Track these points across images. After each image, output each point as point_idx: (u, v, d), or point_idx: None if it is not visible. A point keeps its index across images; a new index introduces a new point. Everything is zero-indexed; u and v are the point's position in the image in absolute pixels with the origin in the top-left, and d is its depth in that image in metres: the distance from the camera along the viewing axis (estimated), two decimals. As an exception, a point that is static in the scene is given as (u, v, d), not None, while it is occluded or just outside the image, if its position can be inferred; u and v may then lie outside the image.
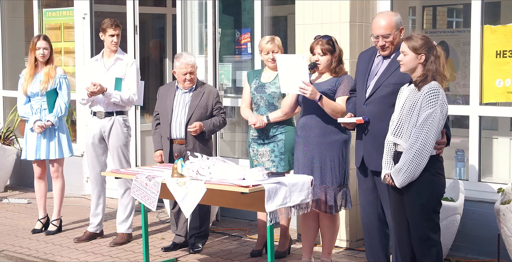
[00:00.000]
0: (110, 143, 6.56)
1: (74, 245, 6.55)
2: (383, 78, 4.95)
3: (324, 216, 5.51)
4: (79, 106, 8.70)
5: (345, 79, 5.43)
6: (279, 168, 5.83)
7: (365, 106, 4.98)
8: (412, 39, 4.49)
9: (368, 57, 5.15)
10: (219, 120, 6.14)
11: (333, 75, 5.47)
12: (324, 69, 5.49)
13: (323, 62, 5.44)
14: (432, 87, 4.39)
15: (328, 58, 5.44)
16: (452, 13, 9.71)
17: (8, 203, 8.41)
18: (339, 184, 5.42)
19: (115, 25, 6.52)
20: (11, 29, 9.87)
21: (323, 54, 5.43)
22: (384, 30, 4.92)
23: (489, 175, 6.49)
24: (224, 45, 7.91)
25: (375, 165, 4.87)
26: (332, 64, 5.46)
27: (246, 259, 6.02)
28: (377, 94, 4.95)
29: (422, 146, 4.36)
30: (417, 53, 4.46)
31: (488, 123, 6.73)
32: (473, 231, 5.92)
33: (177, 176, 5.20)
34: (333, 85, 5.41)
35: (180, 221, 6.33)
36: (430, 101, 4.37)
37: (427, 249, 4.51)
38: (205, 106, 6.12)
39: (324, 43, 5.43)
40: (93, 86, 6.30)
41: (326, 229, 5.55)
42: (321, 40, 5.45)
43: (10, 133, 9.16)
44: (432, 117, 4.36)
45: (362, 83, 5.07)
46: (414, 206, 4.50)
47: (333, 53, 5.45)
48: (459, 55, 7.37)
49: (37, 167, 7.01)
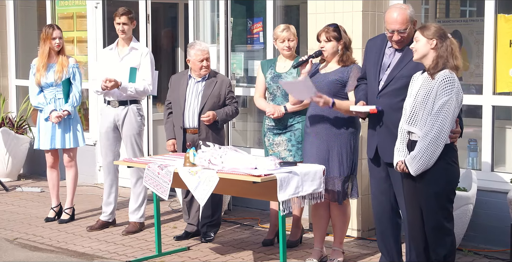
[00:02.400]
0: (124, 131, 6.57)
1: (86, 233, 6.58)
2: (396, 71, 4.93)
3: (334, 206, 5.50)
4: (91, 96, 8.74)
5: (354, 69, 5.37)
6: (296, 157, 5.82)
7: (378, 99, 4.96)
8: (426, 26, 4.51)
9: (378, 47, 5.10)
10: (231, 109, 6.14)
11: (341, 64, 5.41)
12: (330, 57, 5.43)
13: (328, 49, 5.38)
14: (447, 75, 4.38)
15: (334, 45, 5.38)
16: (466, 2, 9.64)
17: (22, 191, 8.46)
18: (347, 174, 5.40)
19: (121, 14, 6.50)
20: (24, 19, 9.90)
21: (328, 40, 5.38)
22: (400, 25, 4.88)
23: (502, 165, 6.47)
24: (236, 34, 7.90)
25: (390, 156, 4.83)
26: (338, 52, 5.42)
27: (258, 248, 6.04)
28: (390, 87, 4.93)
29: (437, 133, 4.35)
30: (429, 38, 4.45)
31: (501, 113, 6.70)
32: (486, 221, 5.90)
33: (189, 165, 5.21)
34: (341, 75, 5.36)
35: (192, 210, 6.34)
36: (446, 89, 4.35)
37: (441, 238, 4.50)
38: (218, 95, 6.12)
39: (330, 31, 5.38)
40: (109, 82, 6.30)
41: (336, 219, 5.55)
42: (328, 27, 5.42)
43: (23, 122, 9.21)
44: (448, 105, 4.35)
45: (374, 75, 5.04)
46: (429, 195, 4.49)
47: (339, 40, 5.39)
48: (472, 45, 7.32)
49: (49, 156, 7.04)
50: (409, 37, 4.90)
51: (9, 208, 7.61)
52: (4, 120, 9.16)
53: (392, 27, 4.90)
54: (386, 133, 4.94)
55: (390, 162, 4.86)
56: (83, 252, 6.02)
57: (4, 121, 9.15)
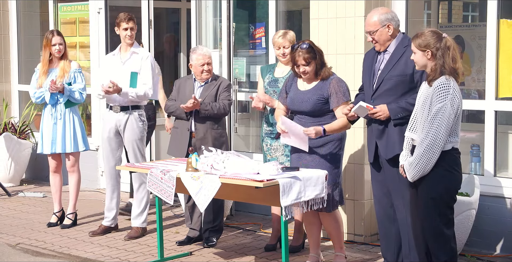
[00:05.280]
0: (126, 137, 6.57)
1: (89, 238, 6.58)
2: (385, 72, 5.07)
3: (323, 215, 5.46)
4: (94, 101, 8.74)
5: (334, 83, 5.30)
6: (294, 163, 5.82)
7: (373, 101, 5.08)
8: (418, 36, 4.51)
9: (371, 55, 5.26)
10: (219, 104, 6.06)
11: (319, 79, 5.36)
12: (312, 76, 5.35)
13: (310, 72, 5.31)
14: (442, 81, 4.38)
15: (313, 66, 5.30)
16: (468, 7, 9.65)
17: (24, 196, 8.46)
18: (334, 182, 5.37)
19: (128, 19, 6.53)
20: (27, 24, 9.92)
21: (307, 63, 5.28)
22: (368, 26, 5.13)
23: (505, 170, 6.46)
24: (238, 39, 7.91)
25: (388, 152, 5.01)
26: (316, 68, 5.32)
27: (260, 253, 6.03)
28: (382, 88, 5.07)
29: (432, 140, 4.35)
30: (423, 50, 4.47)
31: (504, 118, 6.69)
32: (488, 226, 5.89)
33: (191, 170, 5.21)
34: (321, 92, 5.30)
35: (195, 215, 6.34)
36: (440, 96, 4.36)
37: (442, 244, 4.49)
38: (214, 95, 6.12)
39: (305, 53, 5.25)
40: (111, 84, 6.30)
41: (330, 227, 5.51)
42: (301, 50, 5.26)
43: (25, 127, 9.21)
44: (442, 111, 4.35)
45: (369, 80, 5.18)
46: (426, 200, 4.49)
47: (316, 58, 5.30)
48: (474, 50, 7.32)
49: (52, 161, 7.04)
50: (382, 39, 5.07)
51: (12, 213, 7.62)
52: (7, 125, 9.17)
53: (365, 28, 5.19)
54: (382, 131, 5.05)
55: (388, 158, 5.01)
56: (85, 257, 6.02)
57: (7, 126, 9.16)
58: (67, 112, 6.86)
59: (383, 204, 5.18)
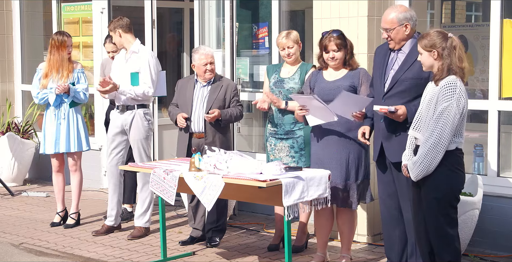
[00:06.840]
0: (131, 136, 6.57)
1: (92, 238, 6.59)
2: (400, 73, 4.97)
3: (343, 211, 5.47)
4: (97, 101, 8.75)
5: (363, 73, 5.40)
6: (300, 163, 5.81)
7: (384, 101, 4.98)
8: (423, 37, 4.52)
9: (384, 51, 5.17)
10: (236, 111, 6.14)
11: (348, 69, 5.43)
12: (340, 64, 5.44)
13: (339, 58, 5.39)
14: (449, 81, 4.38)
15: (343, 53, 5.38)
16: (471, 7, 9.64)
17: (27, 196, 8.47)
18: (363, 179, 5.41)
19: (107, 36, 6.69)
20: (30, 24, 9.93)
21: (338, 49, 5.37)
22: (385, 23, 5.04)
23: (508, 169, 6.45)
24: (241, 39, 7.91)
25: (395, 155, 4.90)
26: (345, 58, 5.41)
27: (263, 253, 6.03)
28: (395, 89, 4.96)
29: (437, 139, 4.34)
30: (429, 50, 4.46)
31: (507, 118, 6.68)
32: (492, 226, 5.89)
33: (194, 170, 5.21)
34: (352, 81, 5.36)
35: (198, 215, 6.34)
36: (446, 95, 4.35)
37: (445, 244, 4.49)
38: (223, 99, 6.13)
39: (336, 38, 5.36)
40: (105, 83, 6.31)
41: (344, 225, 5.50)
42: (333, 36, 5.37)
43: (29, 127, 9.23)
44: (447, 111, 4.34)
45: (379, 77, 5.08)
46: (429, 200, 4.49)
47: (346, 47, 5.40)
48: (478, 50, 7.31)
49: (55, 161, 7.05)
50: (398, 39, 4.99)
51: (15, 213, 7.63)
52: (10, 125, 9.18)
53: (382, 25, 5.09)
54: (391, 134, 4.97)
55: (396, 161, 4.91)
56: (88, 257, 6.02)
57: (10, 126, 9.17)
58: (70, 112, 6.88)
59: (387, 205, 5.17)
